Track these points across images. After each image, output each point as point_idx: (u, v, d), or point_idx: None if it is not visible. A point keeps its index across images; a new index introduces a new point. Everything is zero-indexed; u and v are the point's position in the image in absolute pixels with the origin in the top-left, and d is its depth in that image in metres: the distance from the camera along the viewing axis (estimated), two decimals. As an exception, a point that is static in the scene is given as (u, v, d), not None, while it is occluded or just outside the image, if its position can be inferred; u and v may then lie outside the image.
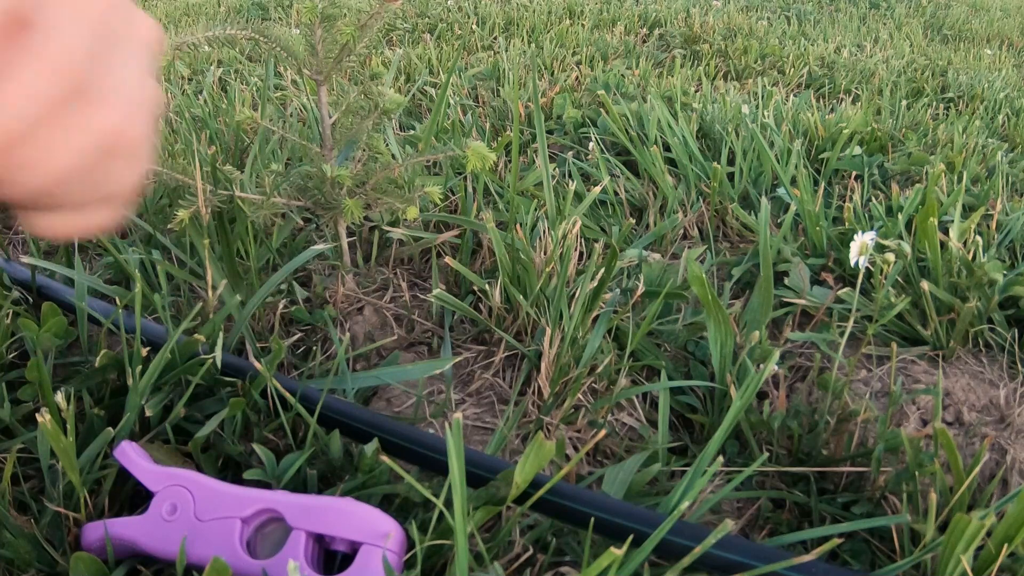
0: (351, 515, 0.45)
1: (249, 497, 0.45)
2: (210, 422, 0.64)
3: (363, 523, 0.44)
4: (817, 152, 1.49)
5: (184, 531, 0.44)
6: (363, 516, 0.45)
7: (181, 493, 0.46)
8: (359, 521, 0.44)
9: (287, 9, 2.89)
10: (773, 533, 0.69)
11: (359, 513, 0.45)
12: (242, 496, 0.45)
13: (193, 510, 0.45)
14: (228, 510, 0.45)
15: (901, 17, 3.59)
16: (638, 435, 0.78)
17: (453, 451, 0.49)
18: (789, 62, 2.35)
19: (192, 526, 0.44)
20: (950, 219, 1.11)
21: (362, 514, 0.45)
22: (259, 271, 0.90)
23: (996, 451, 0.78)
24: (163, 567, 0.53)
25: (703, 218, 1.24)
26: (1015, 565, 0.60)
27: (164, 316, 0.78)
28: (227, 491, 0.46)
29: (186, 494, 0.46)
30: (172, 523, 0.45)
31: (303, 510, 0.44)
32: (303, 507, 0.45)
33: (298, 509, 0.45)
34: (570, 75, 1.93)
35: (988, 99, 2.10)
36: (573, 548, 0.61)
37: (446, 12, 2.73)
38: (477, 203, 1.12)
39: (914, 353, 0.91)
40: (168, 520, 0.45)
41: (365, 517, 0.45)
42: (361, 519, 0.44)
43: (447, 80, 1.17)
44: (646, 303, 0.94)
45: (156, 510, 0.46)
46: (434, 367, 0.78)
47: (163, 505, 0.45)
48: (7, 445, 0.64)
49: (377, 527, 0.44)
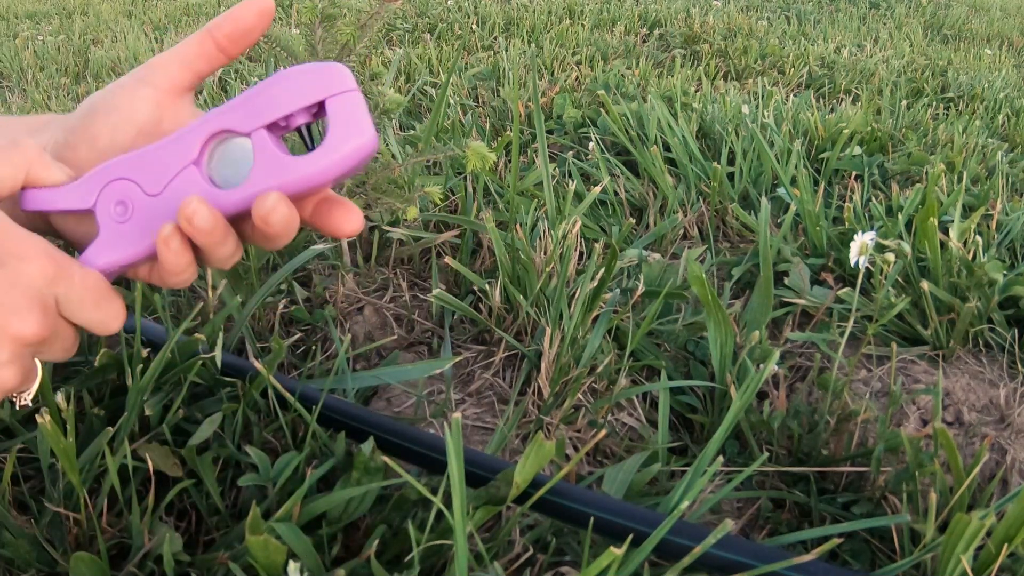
0: (297, 80, 0.38)
1: (188, 137, 0.38)
2: (205, 424, 0.64)
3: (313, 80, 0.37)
4: (817, 152, 1.49)
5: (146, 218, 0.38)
6: (310, 74, 0.38)
7: (121, 186, 0.39)
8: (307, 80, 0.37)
9: (287, 9, 2.89)
10: (773, 533, 0.69)
11: (304, 73, 0.38)
12: (181, 141, 0.38)
13: (142, 192, 0.38)
14: (176, 165, 0.38)
15: (901, 17, 3.59)
16: (638, 435, 0.78)
17: (453, 451, 0.49)
18: (789, 62, 2.35)
19: (150, 208, 0.38)
20: (950, 219, 1.11)
21: (308, 72, 0.38)
22: (259, 271, 0.90)
23: (996, 451, 0.78)
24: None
25: (703, 218, 1.24)
26: (1015, 565, 0.60)
27: (164, 316, 0.78)
28: (165, 149, 0.38)
29: (126, 184, 0.38)
30: (130, 220, 0.38)
31: (247, 110, 0.38)
32: (245, 106, 0.38)
33: (241, 113, 0.38)
34: (570, 75, 1.93)
35: (988, 99, 2.11)
36: (573, 548, 0.61)
37: (446, 12, 2.73)
38: (477, 203, 1.12)
39: (914, 353, 0.91)
40: (123, 221, 0.38)
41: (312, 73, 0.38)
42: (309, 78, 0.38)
43: (447, 80, 1.17)
44: (646, 303, 0.94)
45: (107, 223, 0.39)
46: (434, 367, 0.78)
47: (110, 211, 0.38)
48: (7, 445, 0.64)
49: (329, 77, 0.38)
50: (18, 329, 0.34)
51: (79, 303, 0.36)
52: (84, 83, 2.16)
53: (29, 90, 2.10)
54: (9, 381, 0.34)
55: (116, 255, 0.38)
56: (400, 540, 0.57)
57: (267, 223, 0.35)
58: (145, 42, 2.53)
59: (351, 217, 0.39)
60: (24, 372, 0.35)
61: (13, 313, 0.33)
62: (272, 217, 0.35)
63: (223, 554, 0.55)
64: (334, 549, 0.58)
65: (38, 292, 0.34)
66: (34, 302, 0.34)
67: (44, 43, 2.65)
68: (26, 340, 0.34)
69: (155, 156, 0.38)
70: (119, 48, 2.45)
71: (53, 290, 0.35)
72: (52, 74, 2.28)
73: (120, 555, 0.58)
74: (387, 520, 0.59)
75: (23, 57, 2.44)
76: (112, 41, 2.63)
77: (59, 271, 0.35)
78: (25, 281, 0.34)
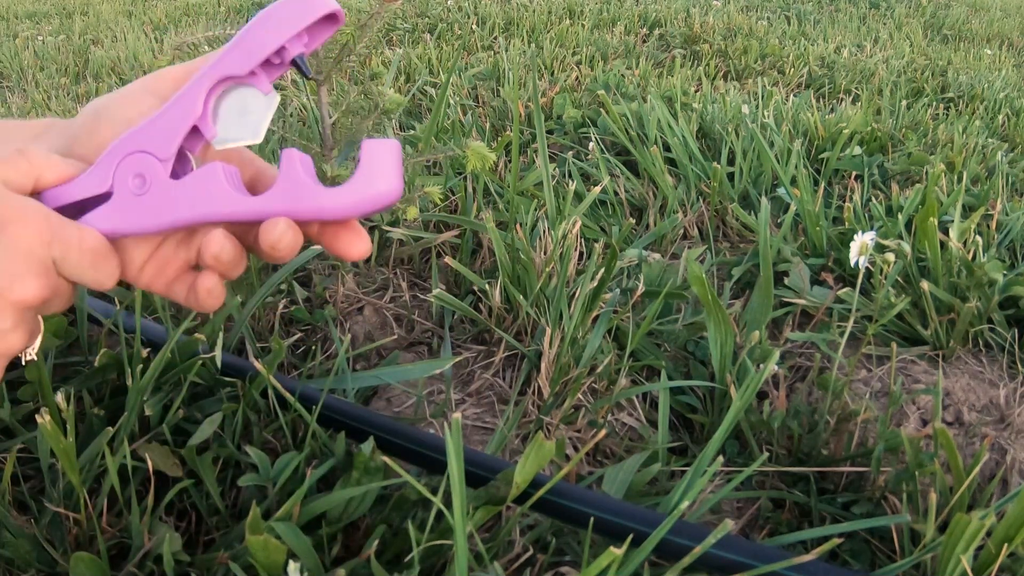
0: (282, 10, 0.37)
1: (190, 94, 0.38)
2: (205, 424, 0.64)
3: (298, 7, 0.37)
4: (817, 152, 1.49)
5: (163, 199, 0.38)
6: (292, 3, 0.37)
7: (137, 159, 0.38)
8: (292, 8, 0.37)
9: (287, 9, 2.88)
10: (773, 533, 0.69)
11: (287, 3, 0.38)
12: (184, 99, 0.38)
13: (156, 160, 0.38)
14: (183, 124, 0.38)
15: (901, 17, 3.59)
16: (638, 435, 0.78)
17: (452, 451, 0.49)
18: (789, 62, 2.35)
19: (168, 190, 0.38)
20: (950, 219, 1.11)
21: (290, 2, 0.38)
22: (259, 271, 0.90)
23: (996, 451, 0.78)
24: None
25: (703, 218, 1.24)
26: (1015, 565, 0.60)
27: (164, 316, 0.78)
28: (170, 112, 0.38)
29: (143, 157, 0.38)
30: (147, 195, 0.38)
31: (240, 52, 0.37)
32: (237, 49, 0.38)
33: (235, 56, 0.38)
34: (570, 75, 1.93)
35: (988, 99, 2.10)
36: (573, 548, 0.61)
37: (446, 12, 2.73)
38: (477, 203, 1.12)
39: (914, 353, 0.91)
40: (141, 194, 0.38)
41: (294, 2, 0.37)
42: (292, 6, 0.37)
43: (447, 80, 1.17)
44: (646, 303, 0.94)
45: (122, 190, 0.38)
46: (434, 367, 0.78)
47: (127, 182, 0.38)
48: (7, 445, 0.64)
49: (310, 1, 0.38)
50: (20, 294, 0.34)
51: (77, 264, 0.36)
52: (84, 83, 2.16)
53: (29, 90, 2.10)
54: (16, 345, 0.35)
55: (123, 224, 0.38)
56: (400, 540, 0.57)
57: (274, 248, 0.37)
58: (145, 42, 2.53)
59: (359, 242, 0.39)
60: (29, 333, 0.36)
61: (14, 278, 0.34)
62: (280, 244, 0.36)
63: (223, 554, 0.55)
64: (334, 549, 0.58)
65: (37, 256, 0.35)
66: (33, 266, 0.35)
67: (44, 43, 2.65)
68: (29, 304, 0.35)
69: (162, 121, 0.39)
70: (119, 48, 2.45)
71: (51, 252, 0.35)
72: (52, 74, 2.28)
73: (120, 555, 0.58)
74: (387, 520, 0.59)
75: (23, 57, 2.44)
76: (112, 41, 2.63)
77: (55, 233, 0.35)
78: (24, 246, 0.34)
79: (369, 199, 0.37)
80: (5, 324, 0.35)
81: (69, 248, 0.36)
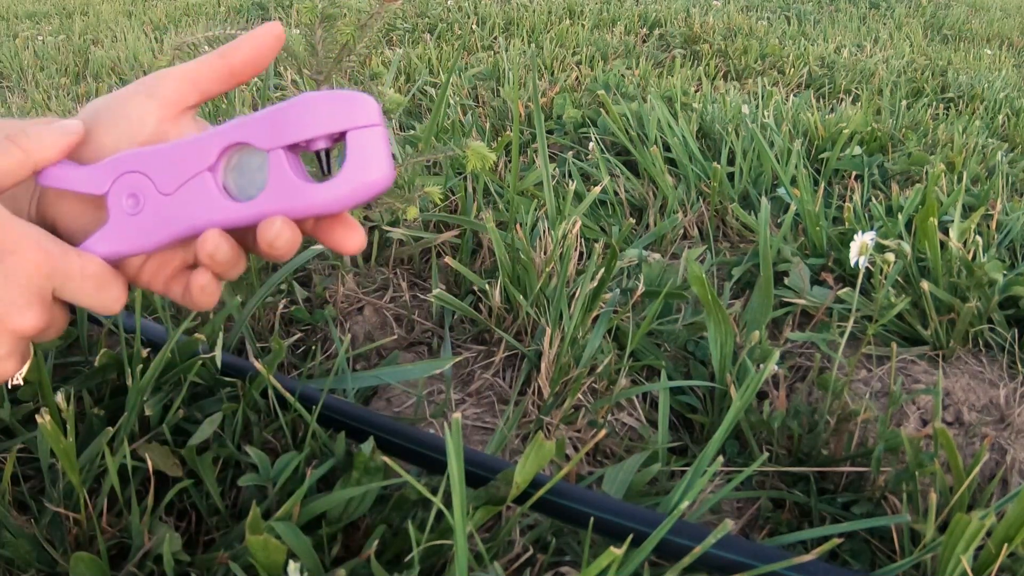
0: (322, 106, 0.38)
1: (207, 143, 0.38)
2: (205, 424, 0.64)
3: (339, 110, 0.37)
4: (817, 152, 1.49)
5: (157, 216, 0.38)
6: (336, 102, 0.38)
7: (133, 180, 0.39)
8: (333, 109, 0.38)
9: (287, 9, 2.89)
10: (773, 533, 0.69)
11: (331, 101, 0.38)
12: (200, 145, 0.38)
13: (155, 189, 0.39)
14: (191, 168, 0.38)
15: (901, 17, 3.59)
16: (638, 435, 0.78)
17: (452, 451, 0.49)
18: (789, 62, 2.35)
19: (161, 206, 0.39)
20: (950, 219, 1.11)
21: (335, 101, 0.38)
22: (259, 271, 0.90)
23: (996, 451, 0.78)
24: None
25: (703, 218, 1.24)
26: (1015, 565, 0.60)
27: (164, 316, 0.78)
28: (182, 150, 0.39)
29: (139, 178, 0.39)
30: (140, 215, 0.39)
31: (270, 126, 0.38)
32: (268, 122, 0.38)
33: (264, 127, 0.38)
34: (570, 75, 1.93)
35: (988, 99, 2.10)
36: (573, 548, 0.61)
37: (446, 12, 2.73)
38: (477, 203, 1.12)
39: (914, 353, 0.91)
40: (134, 214, 0.39)
41: (339, 102, 0.38)
42: (335, 106, 0.38)
43: (447, 80, 1.17)
44: (646, 303, 0.94)
45: (117, 211, 0.39)
46: (434, 367, 0.78)
47: (121, 202, 0.39)
48: (7, 445, 0.64)
49: (356, 108, 0.38)
50: (18, 324, 0.35)
51: (80, 291, 0.37)
52: (84, 83, 2.16)
53: (29, 90, 2.10)
54: (9, 371, 0.36)
55: (121, 246, 0.39)
56: (400, 540, 0.57)
57: (272, 247, 0.37)
58: (145, 42, 2.53)
59: (353, 235, 0.39)
60: (22, 359, 0.37)
61: (13, 308, 0.34)
62: (277, 242, 0.37)
63: (223, 554, 0.55)
64: (334, 549, 0.58)
65: (36, 286, 0.35)
66: (32, 296, 0.35)
67: (44, 43, 2.65)
68: (26, 334, 0.35)
69: (172, 155, 0.39)
70: (119, 48, 2.45)
71: (50, 282, 0.36)
72: (52, 74, 2.28)
73: (120, 555, 0.58)
74: (387, 520, 0.59)
75: (23, 57, 2.44)
76: (112, 41, 2.63)
77: (55, 264, 0.35)
78: (23, 276, 0.35)
79: (362, 189, 0.37)
80: (1, 352, 0.35)
81: (70, 277, 0.36)
